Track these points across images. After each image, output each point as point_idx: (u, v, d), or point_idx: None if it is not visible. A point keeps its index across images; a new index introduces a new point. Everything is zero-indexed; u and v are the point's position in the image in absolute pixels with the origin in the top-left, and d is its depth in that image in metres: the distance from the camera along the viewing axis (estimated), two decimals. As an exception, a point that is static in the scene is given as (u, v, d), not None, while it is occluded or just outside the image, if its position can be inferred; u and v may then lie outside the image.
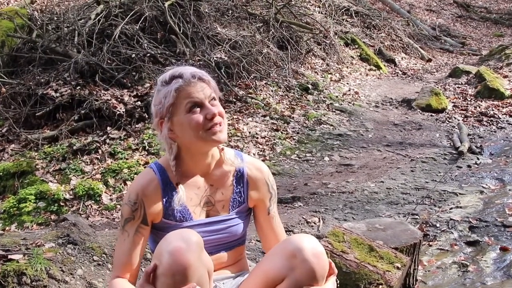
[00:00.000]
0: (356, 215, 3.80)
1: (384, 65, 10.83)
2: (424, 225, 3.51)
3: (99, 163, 5.05)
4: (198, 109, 1.55)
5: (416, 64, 11.76)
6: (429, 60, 12.29)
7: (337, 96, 7.91)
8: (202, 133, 1.56)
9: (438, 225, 3.51)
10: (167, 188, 1.64)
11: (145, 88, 6.08)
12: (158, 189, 1.63)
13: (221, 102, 1.65)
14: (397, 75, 10.56)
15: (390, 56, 11.42)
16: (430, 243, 3.29)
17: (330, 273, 1.58)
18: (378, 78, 9.99)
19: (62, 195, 4.53)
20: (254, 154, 5.39)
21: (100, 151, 5.19)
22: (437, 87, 8.55)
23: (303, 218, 3.74)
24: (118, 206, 4.43)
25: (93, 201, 4.53)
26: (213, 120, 1.56)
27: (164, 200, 1.63)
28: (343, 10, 12.25)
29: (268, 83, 7.41)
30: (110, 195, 4.62)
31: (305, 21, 10.05)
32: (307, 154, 5.63)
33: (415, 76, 10.57)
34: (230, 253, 1.75)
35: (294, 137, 6.05)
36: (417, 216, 3.69)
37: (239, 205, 1.75)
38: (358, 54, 10.66)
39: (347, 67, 9.79)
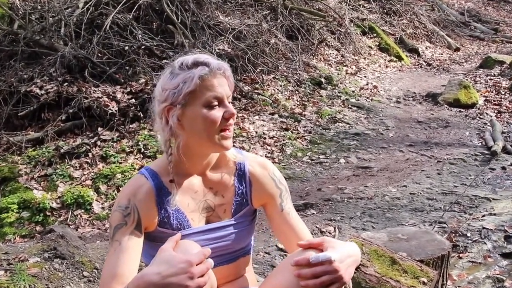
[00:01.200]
0: (376, 224, 3.78)
1: (406, 56, 10.79)
2: (453, 234, 3.48)
3: (89, 167, 5.06)
4: (217, 105, 1.57)
5: (442, 54, 11.71)
6: (457, 49, 12.23)
7: (353, 91, 7.88)
8: (215, 134, 1.56)
9: (469, 234, 3.48)
10: (161, 194, 1.63)
11: (140, 84, 6.10)
12: (152, 194, 1.62)
13: None
14: (421, 67, 10.52)
15: (413, 45, 11.38)
16: (460, 255, 3.26)
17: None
18: (399, 70, 9.95)
19: (48, 203, 4.54)
20: (261, 156, 5.38)
21: (90, 155, 5.20)
22: (466, 80, 8.50)
23: (316, 227, 3.73)
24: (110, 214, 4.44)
25: (82, 210, 4.54)
26: (229, 121, 1.57)
27: (159, 206, 1.63)
28: (359, -6, 12.24)
29: (276, 77, 7.40)
30: (102, 203, 4.63)
31: (317, 7, 10.04)
32: (320, 156, 5.62)
33: (441, 67, 10.52)
34: (235, 265, 1.74)
35: (306, 137, 6.03)
36: (445, 225, 3.67)
37: (243, 208, 1.74)
38: (377, 43, 10.62)
39: (365, 58, 9.75)
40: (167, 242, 1.46)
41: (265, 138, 5.83)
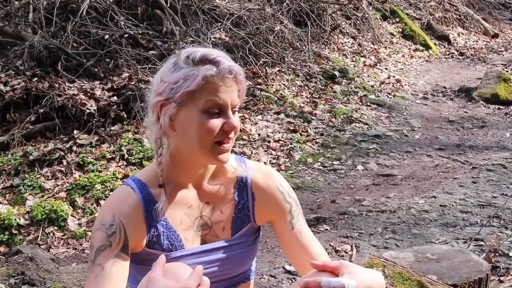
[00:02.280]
0: (401, 241, 3.78)
1: (435, 44, 10.78)
2: (492, 254, 3.47)
3: (63, 177, 5.06)
4: (217, 114, 1.56)
5: (477, 42, 11.70)
6: (495, 36, 12.21)
7: (372, 86, 7.88)
8: (208, 145, 1.56)
9: (511, 254, 3.47)
10: (150, 208, 1.63)
11: (123, 79, 6.11)
12: (139, 209, 1.62)
13: None
14: (452, 57, 10.51)
15: (443, 31, 11.37)
16: (501, 278, 3.25)
17: None
18: (426, 61, 9.93)
19: (15, 220, 4.54)
20: (265, 163, 5.38)
21: (64, 162, 5.21)
22: (507, 71, 8.49)
23: (330, 245, 3.72)
24: (89, 233, 4.44)
25: (55, 227, 4.54)
26: (228, 134, 1.57)
27: (148, 223, 1.63)
28: (379, -28, 12.25)
29: (283, 70, 7.40)
30: (79, 219, 4.63)
31: (329, -13, 10.06)
32: (334, 162, 5.61)
33: (476, 57, 10.51)
34: (235, 292, 1.75)
35: (317, 140, 6.03)
36: (482, 242, 3.66)
37: (244, 225, 1.74)
38: (400, 30, 10.61)
39: (386, 47, 9.75)
40: (154, 269, 1.46)
41: (269, 142, 5.82)
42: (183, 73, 1.56)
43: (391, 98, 7.61)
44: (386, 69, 8.81)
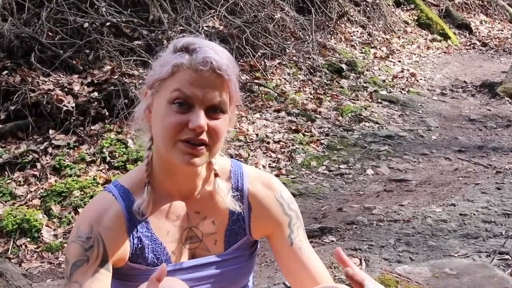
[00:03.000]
0: (416, 255, 3.77)
1: (454, 34, 10.78)
2: (518, 268, 3.47)
3: (37, 182, 5.05)
4: (185, 109, 1.54)
5: (502, 31, 11.71)
6: (522, 25, 12.23)
7: (384, 80, 7.88)
8: (171, 141, 1.54)
9: (539, 268, 3.47)
10: (134, 218, 1.63)
11: (105, 73, 6.10)
12: (122, 219, 1.61)
13: None
14: (474, 48, 10.51)
15: (463, 19, 11.38)
16: (528, 295, 3.25)
17: None
18: (445, 52, 9.94)
19: (-17, 230, 4.54)
20: (263, 166, 5.38)
21: (38, 165, 5.20)
22: (535, 64, 8.49)
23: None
24: (66, 245, 4.43)
25: (28, 239, 4.53)
26: (195, 133, 1.53)
27: (131, 235, 1.62)
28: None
29: (283, 63, 7.40)
30: (54, 230, 4.62)
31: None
32: (341, 166, 5.61)
33: (500, 48, 10.51)
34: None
35: (322, 141, 6.03)
36: (507, 256, 3.65)
37: (239, 238, 1.73)
38: (415, 18, 10.62)
39: (399, 37, 9.75)
40: (150, 285, 1.42)
41: (268, 143, 5.82)
42: (162, 59, 1.60)
43: (404, 94, 7.61)
44: (399, 61, 8.81)
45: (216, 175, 1.70)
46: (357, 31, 9.31)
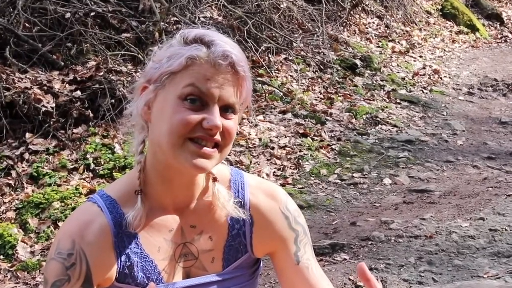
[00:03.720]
0: (439, 275, 3.76)
1: (483, 25, 10.80)
2: (555, 291, 3.47)
3: (12, 192, 5.06)
4: (198, 106, 1.54)
5: (536, 23, 11.73)
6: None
7: (403, 78, 7.89)
8: (179, 140, 1.54)
9: None
10: (121, 233, 1.63)
11: (89, 69, 6.11)
12: (108, 234, 1.61)
13: None
14: (505, 41, 10.52)
15: (493, 8, 11.40)
16: None
17: None
18: (472, 46, 9.95)
19: (-49, 246, 4.54)
20: (267, 175, 5.38)
21: (13, 173, 5.20)
22: None
23: (349, 279, 3.71)
24: (44, 263, 4.44)
25: (2, 256, 4.53)
26: (208, 133, 1.54)
27: (118, 251, 1.62)
28: None
29: (290, 58, 7.42)
30: (31, 246, 4.63)
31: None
32: (354, 174, 5.61)
33: (535, 42, 10.53)
34: None
35: (334, 147, 6.03)
36: (543, 277, 3.66)
37: (239, 256, 1.73)
38: (439, 7, 10.65)
39: (420, 29, 9.77)
40: None
41: (273, 148, 5.82)
42: (170, 51, 1.58)
43: (426, 93, 7.62)
44: (420, 57, 8.83)
45: (214, 179, 1.71)
46: (373, 23, 9.32)
